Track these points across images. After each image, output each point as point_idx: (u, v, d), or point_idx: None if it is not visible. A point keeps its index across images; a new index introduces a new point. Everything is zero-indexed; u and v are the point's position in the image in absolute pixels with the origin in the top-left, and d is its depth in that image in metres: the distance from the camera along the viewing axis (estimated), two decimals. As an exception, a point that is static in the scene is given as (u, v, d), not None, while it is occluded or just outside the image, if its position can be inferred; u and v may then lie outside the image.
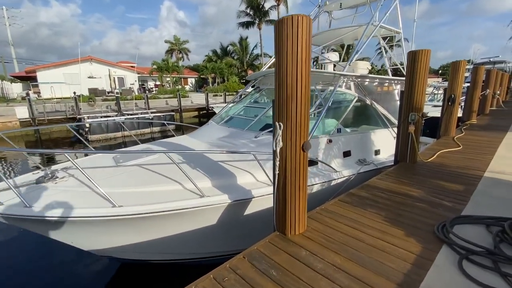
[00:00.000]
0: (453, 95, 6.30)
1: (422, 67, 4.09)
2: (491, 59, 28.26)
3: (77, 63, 25.76)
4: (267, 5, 32.78)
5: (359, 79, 5.11)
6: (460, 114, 9.28)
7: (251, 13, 33.30)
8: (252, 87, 6.61)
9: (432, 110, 10.87)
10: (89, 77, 25.90)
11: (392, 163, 4.71)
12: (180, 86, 33.19)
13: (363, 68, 6.61)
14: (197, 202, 2.88)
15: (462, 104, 9.44)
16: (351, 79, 4.96)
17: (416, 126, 4.26)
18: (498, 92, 12.48)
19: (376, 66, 49.80)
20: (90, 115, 17.60)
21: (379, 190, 3.36)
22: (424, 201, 3.02)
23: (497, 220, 2.43)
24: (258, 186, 3.28)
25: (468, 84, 8.74)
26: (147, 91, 23.51)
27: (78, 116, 17.51)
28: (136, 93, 24.81)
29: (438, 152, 4.95)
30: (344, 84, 5.01)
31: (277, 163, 2.26)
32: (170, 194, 3.03)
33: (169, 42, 39.48)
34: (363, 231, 2.42)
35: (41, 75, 23.64)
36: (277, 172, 2.29)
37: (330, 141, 4.32)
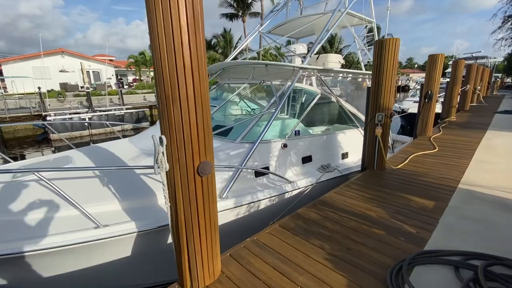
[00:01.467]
0: (429, 91, 5.78)
1: (390, 59, 3.48)
2: (473, 55, 28.45)
3: (48, 56, 24.16)
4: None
5: (321, 74, 4.46)
6: (439, 110, 8.89)
7: (234, 4, 32.19)
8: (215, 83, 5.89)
9: (414, 106, 10.47)
10: (60, 71, 24.31)
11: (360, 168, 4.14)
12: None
13: (334, 61, 6.00)
14: (89, 235, 2.18)
15: (442, 99, 9.05)
16: (312, 73, 4.31)
17: (383, 128, 3.67)
18: (479, 87, 12.22)
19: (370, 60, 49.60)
20: (58, 112, 16.42)
21: (333, 209, 2.75)
22: (383, 225, 2.43)
23: (469, 258, 1.86)
24: None
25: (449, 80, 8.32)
26: (121, 86, 22.26)
27: (43, 113, 16.27)
28: (114, 88, 23.50)
29: (411, 156, 4.41)
30: (305, 79, 4.37)
31: (166, 193, 1.59)
32: (66, 221, 2.33)
33: None
34: (294, 278, 1.79)
35: (7, 69, 21.94)
36: (168, 204, 1.62)
37: (285, 145, 3.68)
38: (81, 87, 23.34)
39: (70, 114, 15.77)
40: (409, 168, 3.94)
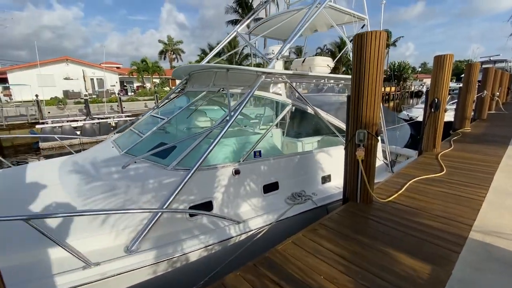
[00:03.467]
0: (436, 99, 4.81)
1: (374, 58, 2.61)
2: (491, 58, 26.76)
3: (53, 64, 24.39)
4: (255, 3, 31.35)
5: (292, 79, 3.60)
6: (451, 118, 7.81)
7: (239, 10, 31.92)
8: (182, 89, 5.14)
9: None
10: (65, 79, 24.42)
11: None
12: (168, 88, 31.74)
13: (321, 65, 5.15)
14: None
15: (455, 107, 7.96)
16: (280, 78, 3.45)
17: (368, 150, 2.78)
18: (497, 93, 10.98)
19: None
20: (55, 119, 16.24)
21: (281, 275, 1.87)
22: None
23: None
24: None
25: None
26: (119, 93, 22.06)
27: (41, 121, 16.13)
28: (116, 95, 23.38)
29: (410, 182, 3.47)
30: (272, 86, 3.52)
31: None
32: None
33: (162, 42, 38.06)
34: None
35: (12, 77, 22.18)
36: None
37: (236, 172, 2.84)
38: (85, 95, 23.36)
39: (67, 121, 15.54)
40: (404, 201, 3.00)
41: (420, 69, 64.41)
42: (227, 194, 2.76)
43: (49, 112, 18.71)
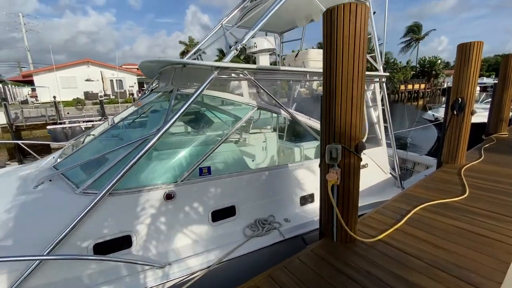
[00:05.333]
0: (460, 99, 3.82)
1: (350, 41, 1.83)
2: (538, 50, 23.71)
3: (75, 66, 25.37)
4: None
5: (259, 76, 2.82)
6: (485, 119, 6.57)
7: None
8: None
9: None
10: (86, 80, 25.25)
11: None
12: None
13: (315, 59, 4.34)
14: None
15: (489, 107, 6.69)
16: (242, 75, 2.71)
17: (346, 170, 2.00)
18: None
19: (400, 62, 45.10)
20: (72, 119, 16.71)
21: None
22: None
23: None
24: None
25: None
26: (137, 94, 22.34)
27: (58, 121, 16.67)
28: (136, 96, 23.75)
29: (413, 212, 2.60)
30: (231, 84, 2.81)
31: None
32: None
33: (183, 43, 38.40)
34: None
35: (37, 79, 23.30)
36: None
37: (168, 196, 2.19)
38: (100, 96, 24.04)
39: (83, 121, 15.90)
40: (400, 241, 2.17)
41: (454, 64, 59.49)
42: (155, 226, 2.12)
43: (68, 113, 19.35)
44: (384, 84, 4.03)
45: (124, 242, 2.01)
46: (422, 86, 39.12)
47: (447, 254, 1.96)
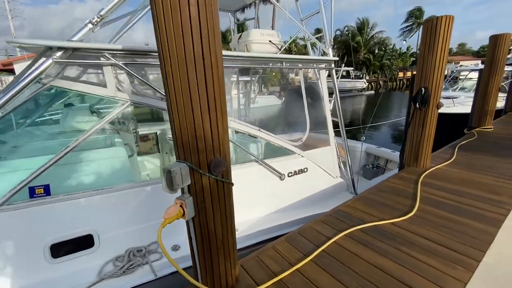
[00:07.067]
0: (423, 90, 3.13)
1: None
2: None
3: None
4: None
5: (129, 60, 2.10)
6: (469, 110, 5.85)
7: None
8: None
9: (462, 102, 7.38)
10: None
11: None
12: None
13: (259, 41, 3.64)
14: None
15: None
16: (103, 59, 1.99)
17: (198, 198, 1.36)
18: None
19: (400, 48, 43.73)
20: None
21: None
22: None
23: None
24: None
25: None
26: None
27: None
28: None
29: (333, 239, 1.98)
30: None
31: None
32: None
33: None
34: None
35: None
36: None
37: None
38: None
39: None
40: (293, 291, 1.56)
41: (456, 50, 57.45)
42: None
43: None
44: (334, 71, 3.33)
45: None
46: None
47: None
